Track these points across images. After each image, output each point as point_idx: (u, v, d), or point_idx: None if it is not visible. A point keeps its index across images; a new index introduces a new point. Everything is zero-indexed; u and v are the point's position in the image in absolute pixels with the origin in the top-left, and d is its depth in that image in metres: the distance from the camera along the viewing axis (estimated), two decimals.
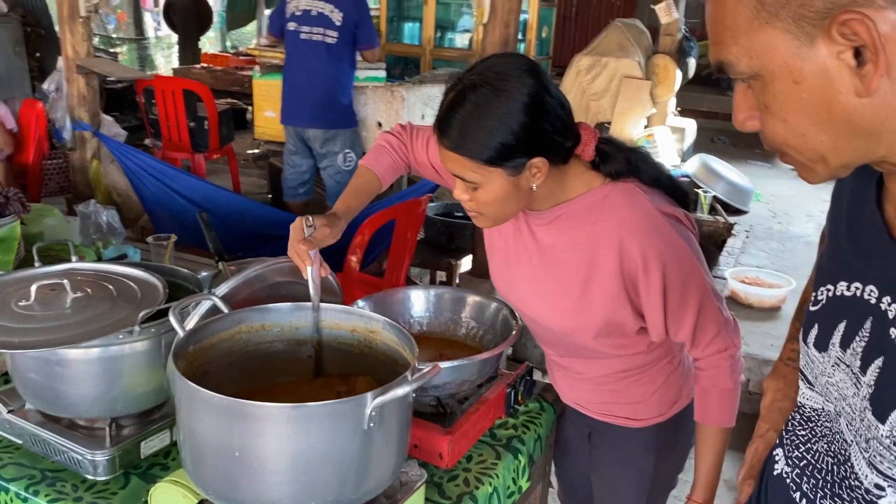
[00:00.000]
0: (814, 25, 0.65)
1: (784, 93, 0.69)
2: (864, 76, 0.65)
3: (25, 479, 1.33)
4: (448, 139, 1.25)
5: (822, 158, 0.71)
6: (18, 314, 1.30)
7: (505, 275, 1.51)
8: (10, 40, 6.01)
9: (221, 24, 12.00)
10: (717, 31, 0.72)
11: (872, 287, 0.74)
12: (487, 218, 1.34)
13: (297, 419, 1.05)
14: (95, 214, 2.94)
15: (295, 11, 4.05)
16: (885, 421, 0.70)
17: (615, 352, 1.45)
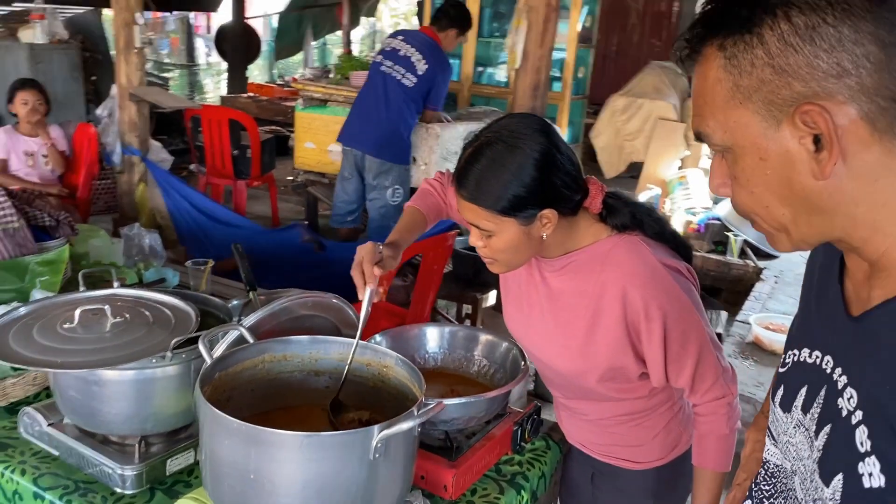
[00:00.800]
0: (780, 111, 0.72)
1: (751, 167, 0.76)
2: (820, 161, 0.71)
3: (60, 489, 1.43)
4: (465, 190, 1.34)
5: (785, 229, 0.78)
6: (62, 336, 1.42)
7: (517, 317, 1.59)
8: (69, 66, 6.30)
9: (270, 54, 12.37)
10: (698, 103, 0.79)
11: (829, 357, 0.80)
12: (501, 264, 1.43)
13: (309, 447, 1.13)
14: (139, 237, 3.08)
15: (386, 48, 4.31)
16: (829, 484, 0.75)
17: (618, 395, 1.51)
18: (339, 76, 5.08)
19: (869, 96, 0.69)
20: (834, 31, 0.68)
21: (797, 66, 0.70)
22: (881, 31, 0.68)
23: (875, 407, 0.71)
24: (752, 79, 0.72)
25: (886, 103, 0.69)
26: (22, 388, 1.70)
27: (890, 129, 0.70)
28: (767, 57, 0.71)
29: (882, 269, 0.76)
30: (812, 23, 0.69)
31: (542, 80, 3.11)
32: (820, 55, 0.69)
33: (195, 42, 13.34)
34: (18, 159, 4.25)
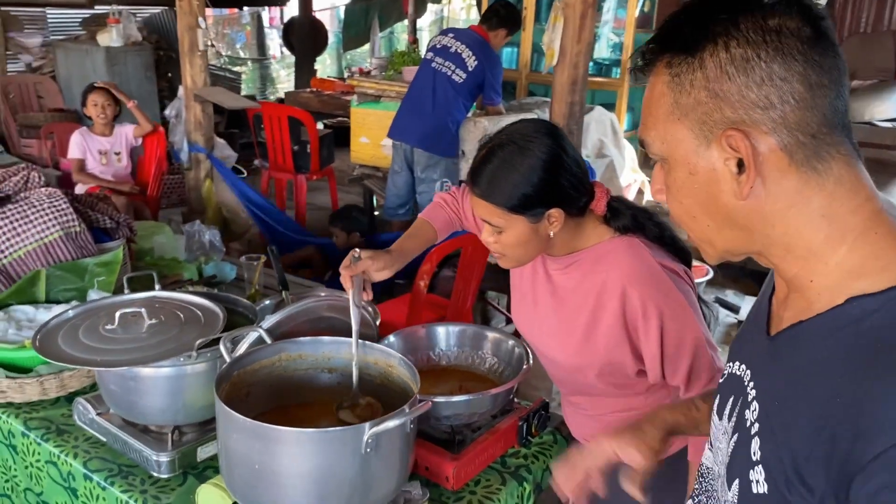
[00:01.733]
0: (711, 132, 0.77)
1: (682, 180, 0.82)
2: (740, 183, 0.77)
3: (106, 472, 1.61)
4: (478, 188, 1.44)
5: (710, 241, 0.84)
6: (104, 336, 1.58)
7: (524, 314, 1.68)
8: (143, 66, 6.64)
9: (338, 45, 12.61)
10: (644, 114, 0.85)
11: (749, 372, 0.86)
12: (510, 259, 1.52)
13: (305, 442, 1.26)
14: (199, 233, 3.27)
15: (437, 45, 4.42)
16: (730, 488, 0.82)
17: (616, 391, 1.58)
18: (391, 71, 5.19)
19: (790, 130, 0.74)
20: (766, 66, 0.73)
21: (729, 93, 0.75)
22: (809, 72, 0.73)
23: (766, 421, 0.77)
24: (689, 98, 0.78)
25: (805, 138, 0.75)
26: (78, 380, 1.89)
27: (807, 161, 0.75)
28: (705, 80, 0.76)
29: (794, 291, 0.81)
30: (747, 56, 0.74)
31: (580, 76, 3.15)
32: (751, 87, 0.74)
33: (266, 36, 13.71)
34: (94, 158, 4.56)
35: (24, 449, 1.78)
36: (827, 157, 0.75)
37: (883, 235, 0.75)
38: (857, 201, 0.76)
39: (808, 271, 0.78)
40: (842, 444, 0.68)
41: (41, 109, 6.75)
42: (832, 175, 0.76)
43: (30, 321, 2.02)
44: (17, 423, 1.78)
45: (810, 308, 0.78)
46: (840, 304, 0.74)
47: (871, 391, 0.67)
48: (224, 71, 9.76)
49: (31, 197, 2.35)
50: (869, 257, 0.75)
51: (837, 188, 0.76)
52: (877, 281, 0.73)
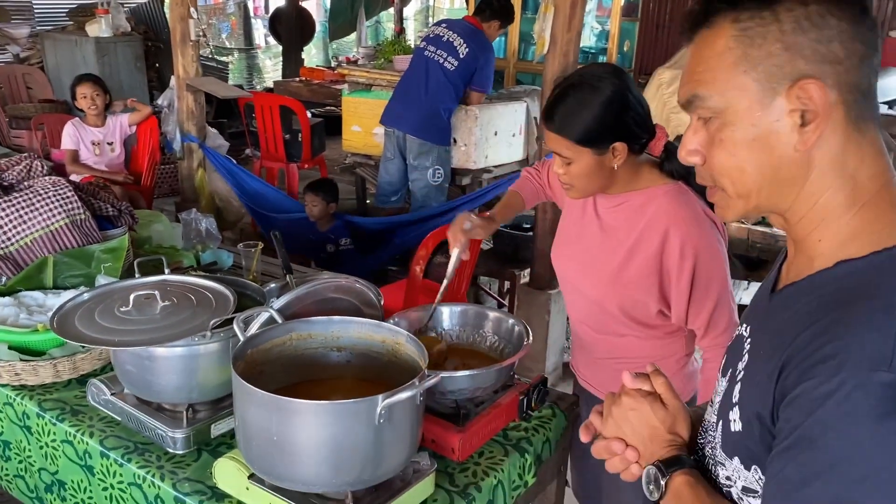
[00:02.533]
0: (780, 83, 0.80)
1: (741, 131, 0.83)
2: (804, 133, 0.80)
3: (122, 449, 1.66)
4: (552, 123, 1.60)
5: (748, 195, 0.86)
6: (119, 318, 1.64)
7: (565, 249, 1.84)
8: (132, 56, 6.64)
9: (324, 34, 12.59)
10: (698, 69, 0.86)
11: (749, 328, 0.93)
12: (577, 190, 1.68)
13: (321, 413, 1.32)
14: (196, 222, 3.30)
15: (430, 34, 4.50)
16: (716, 429, 0.91)
17: (633, 332, 1.71)
18: (382, 60, 5.23)
19: (850, 87, 0.80)
20: (837, 23, 0.79)
21: (803, 46, 0.79)
22: (867, 36, 0.80)
23: (749, 368, 0.85)
24: (761, 51, 0.81)
25: (859, 97, 0.81)
26: (90, 363, 1.94)
27: (857, 121, 0.81)
28: (780, 33, 0.80)
29: (801, 252, 0.87)
30: (822, 11, 0.79)
31: (570, 64, 3.20)
32: (822, 41, 0.79)
33: (253, 25, 13.64)
34: (87, 149, 4.58)
35: (40, 430, 1.83)
36: (869, 119, 0.82)
37: (886, 202, 0.82)
38: (877, 169, 0.82)
39: (819, 231, 0.84)
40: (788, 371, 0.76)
41: (30, 100, 6.73)
42: (868, 137, 0.82)
43: (39, 306, 2.07)
44: (32, 404, 1.83)
45: (810, 266, 0.84)
46: (830, 266, 0.81)
47: (825, 332, 0.75)
48: (212, 61, 9.73)
49: (35, 185, 2.38)
50: (867, 222, 0.81)
51: (869, 151, 0.82)
52: (864, 244, 0.80)
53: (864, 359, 0.71)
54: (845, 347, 0.72)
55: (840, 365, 0.72)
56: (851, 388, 0.70)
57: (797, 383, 0.75)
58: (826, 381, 0.72)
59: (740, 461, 0.85)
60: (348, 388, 1.62)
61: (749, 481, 0.85)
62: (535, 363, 3.66)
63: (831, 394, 0.71)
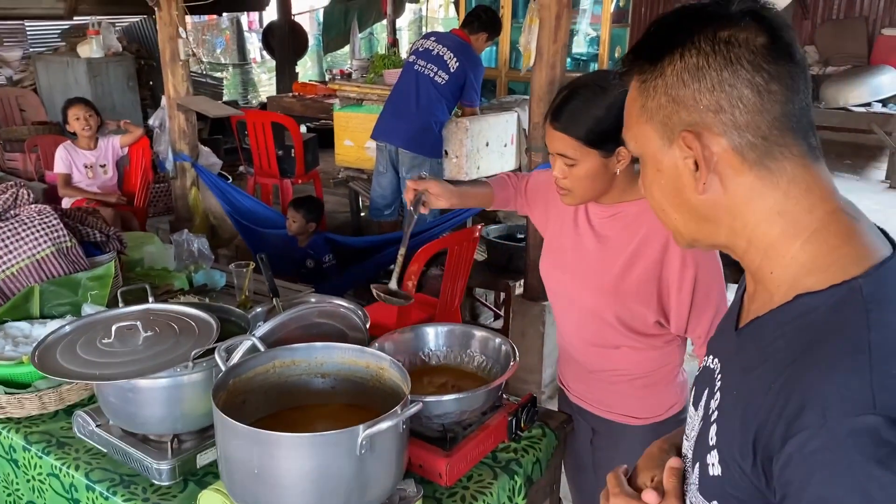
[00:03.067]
0: (672, 132, 0.85)
1: (651, 176, 0.91)
2: (697, 179, 0.84)
3: (108, 482, 1.65)
4: (558, 122, 1.60)
5: (678, 231, 0.92)
6: (101, 350, 1.62)
7: (557, 260, 1.82)
8: (125, 76, 6.65)
9: (318, 48, 12.62)
10: (624, 115, 0.93)
11: (719, 364, 0.92)
12: (575, 195, 1.66)
13: (301, 446, 1.30)
14: (188, 242, 3.30)
15: (419, 48, 4.49)
16: (693, 471, 0.89)
17: (628, 342, 1.70)
18: (372, 75, 5.23)
19: (740, 132, 0.81)
20: (716, 74, 0.80)
21: (685, 98, 0.82)
22: (757, 80, 0.80)
23: (722, 409, 0.84)
24: (654, 102, 0.85)
25: (756, 140, 0.81)
26: (76, 393, 1.93)
27: (760, 161, 0.82)
28: (665, 86, 0.84)
29: (759, 283, 0.87)
30: (699, 64, 0.81)
31: (557, 76, 3.20)
32: (703, 92, 0.81)
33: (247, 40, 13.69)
34: (79, 172, 4.58)
35: (26, 463, 1.82)
36: (780, 157, 0.81)
37: (834, 233, 0.80)
38: (811, 200, 0.82)
39: (768, 263, 0.84)
40: (768, 428, 0.74)
41: (24, 123, 6.74)
42: (786, 174, 0.81)
43: (25, 337, 2.06)
44: (18, 437, 1.82)
45: (771, 301, 0.84)
46: (790, 300, 0.80)
47: (800, 379, 0.73)
48: (206, 77, 9.76)
49: (21, 214, 2.38)
50: (819, 255, 0.80)
51: (791, 187, 0.81)
52: (822, 278, 0.78)
53: (846, 404, 0.69)
54: (823, 395, 0.71)
55: (824, 415, 0.70)
56: (843, 437, 0.68)
57: (783, 440, 0.72)
58: (815, 436, 0.70)
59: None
60: (333, 414, 1.61)
61: None
62: (530, 375, 3.64)
63: (824, 448, 0.69)
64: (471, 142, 4.46)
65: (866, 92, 7.83)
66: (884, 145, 7.09)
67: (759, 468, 0.77)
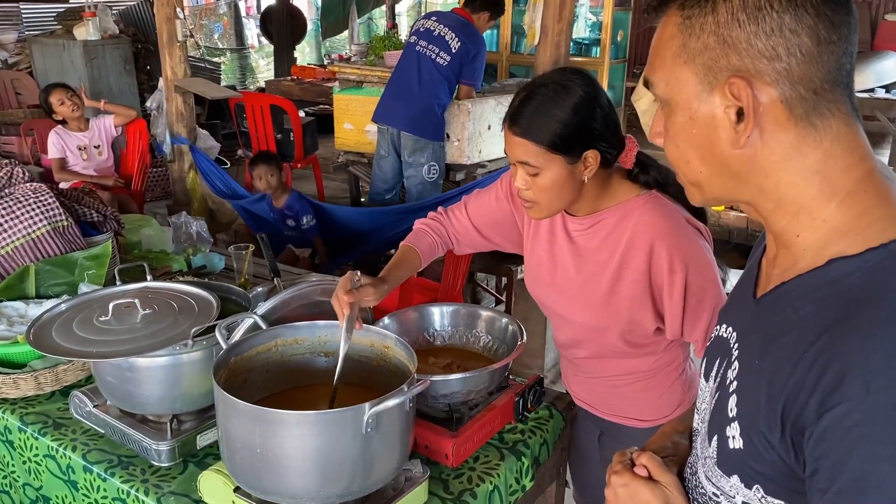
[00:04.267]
0: (715, 78, 0.77)
1: (681, 123, 0.82)
2: (738, 132, 0.77)
3: (106, 463, 1.61)
4: (518, 127, 1.45)
5: (699, 185, 0.85)
6: (99, 328, 1.58)
7: (540, 278, 1.70)
8: (121, 59, 6.56)
9: (317, 32, 12.52)
10: (652, 54, 0.84)
11: (735, 333, 0.87)
12: (541, 208, 1.52)
13: (305, 424, 1.26)
14: (186, 225, 3.26)
15: (420, 28, 4.41)
16: (710, 444, 0.84)
17: (632, 351, 1.62)
18: (373, 57, 5.17)
19: (793, 84, 0.75)
20: (777, 17, 0.73)
21: (738, 41, 0.75)
22: (819, 27, 0.73)
23: (743, 379, 0.79)
24: (698, 42, 0.77)
25: (807, 93, 0.75)
26: (73, 374, 1.88)
27: (806, 117, 0.76)
28: (715, 25, 0.76)
29: (782, 247, 0.82)
30: (760, 4, 0.74)
31: (562, 55, 3.15)
32: (760, 36, 0.74)
33: (245, 25, 13.58)
34: (73, 155, 4.51)
35: (22, 444, 1.78)
36: (827, 114, 0.76)
37: (872, 195, 0.76)
38: (851, 160, 0.77)
39: (795, 225, 0.79)
40: (801, 399, 0.70)
41: (20, 106, 6.66)
42: (830, 132, 0.76)
43: (21, 317, 2.01)
44: (14, 418, 1.78)
45: (795, 266, 0.79)
46: (821, 265, 0.75)
47: (837, 348, 0.68)
48: (203, 62, 9.66)
49: (15, 192, 2.33)
50: (854, 216, 0.75)
51: (834, 146, 0.76)
52: (857, 241, 0.74)
53: (893, 375, 0.65)
54: (865, 365, 0.66)
55: (867, 387, 0.65)
56: (890, 410, 0.64)
57: (818, 413, 0.68)
58: (856, 408, 0.65)
59: (740, 479, 0.80)
60: (337, 394, 1.57)
61: (749, 498, 0.79)
62: (533, 359, 3.60)
63: (867, 421, 0.65)
64: (472, 125, 4.41)
65: (870, 78, 7.77)
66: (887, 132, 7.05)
67: (788, 441, 0.72)
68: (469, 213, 1.77)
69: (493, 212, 1.75)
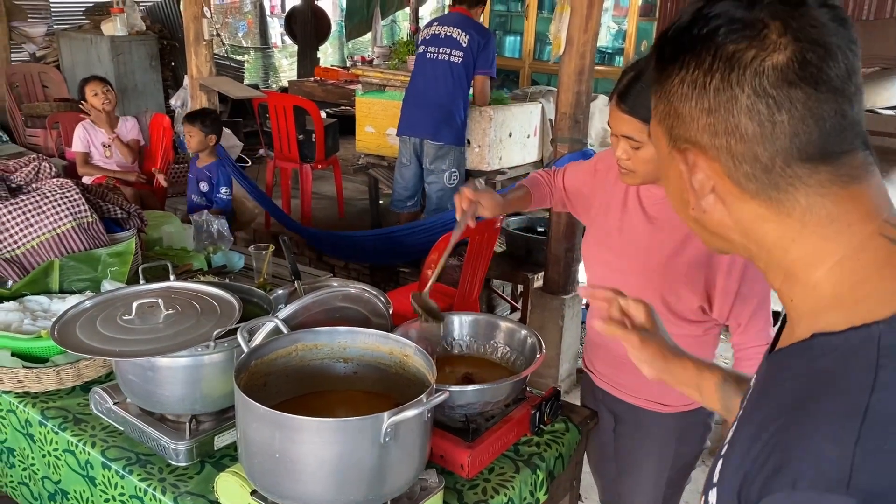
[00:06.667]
0: (675, 143, 0.76)
1: (663, 174, 0.83)
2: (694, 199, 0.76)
3: (124, 460, 1.63)
4: (626, 104, 1.55)
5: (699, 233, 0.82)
6: (122, 327, 1.60)
7: (602, 237, 1.80)
8: (147, 55, 6.63)
9: (340, 34, 12.57)
10: None
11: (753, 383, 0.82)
12: (637, 176, 1.62)
13: (325, 431, 1.27)
14: (207, 223, 3.28)
15: (425, 37, 4.46)
16: None
17: (672, 319, 1.67)
18: (396, 61, 5.19)
19: (736, 161, 0.71)
20: (714, 95, 0.70)
21: (684, 113, 0.73)
22: (759, 107, 0.68)
23: (732, 444, 0.74)
24: (662, 106, 0.77)
25: (755, 171, 0.70)
26: (94, 370, 1.90)
27: (762, 192, 0.71)
28: (669, 95, 0.74)
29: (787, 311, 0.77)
30: (700, 80, 0.70)
31: (587, 65, 3.14)
32: (701, 112, 0.71)
33: (269, 24, 13.63)
34: (97, 151, 4.56)
35: (42, 438, 1.80)
36: (789, 189, 0.70)
37: (869, 264, 0.69)
38: (837, 227, 0.70)
39: (788, 290, 0.74)
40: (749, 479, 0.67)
41: (46, 99, 6.75)
42: (798, 206, 0.70)
43: (44, 311, 2.04)
44: (35, 412, 1.80)
45: (793, 333, 0.74)
46: (807, 338, 0.70)
47: (785, 435, 0.65)
48: (227, 60, 9.73)
49: (43, 188, 2.36)
50: (848, 286, 0.69)
51: (808, 216, 0.70)
52: (845, 317, 0.67)
53: (818, 477, 0.61)
54: (799, 461, 0.62)
55: (794, 483, 0.62)
56: None
57: (760, 496, 0.65)
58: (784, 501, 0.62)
59: None
60: (355, 400, 1.58)
61: None
62: (547, 369, 3.60)
63: None
64: (494, 131, 4.41)
65: (895, 95, 7.69)
66: None
67: None
68: (565, 179, 1.95)
69: (579, 183, 1.91)
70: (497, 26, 7.01)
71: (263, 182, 5.48)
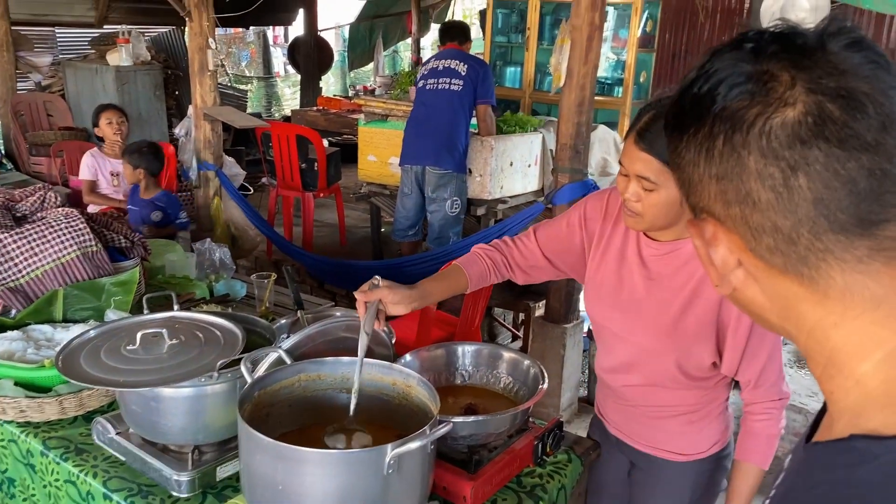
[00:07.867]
0: (693, 213, 0.70)
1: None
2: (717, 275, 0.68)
3: (125, 491, 1.62)
4: (645, 142, 1.46)
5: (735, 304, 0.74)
6: (125, 357, 1.60)
7: (601, 295, 1.73)
8: (152, 85, 6.70)
9: (343, 64, 12.71)
10: None
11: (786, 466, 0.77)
12: (644, 221, 1.54)
13: (328, 463, 1.27)
14: (210, 252, 3.30)
15: (424, 73, 4.58)
16: None
17: (684, 380, 1.64)
18: (398, 91, 5.25)
19: (755, 234, 0.63)
20: (720, 160, 0.63)
21: (695, 181, 0.66)
22: (771, 171, 0.60)
23: None
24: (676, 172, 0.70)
25: (778, 243, 0.62)
26: (96, 399, 1.91)
27: (792, 267, 0.62)
28: (680, 162, 0.68)
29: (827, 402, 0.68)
30: (707, 146, 0.64)
31: (587, 97, 3.18)
32: (711, 179, 0.64)
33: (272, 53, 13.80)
34: (105, 180, 4.59)
35: (43, 468, 1.80)
36: (821, 266, 0.61)
37: None
38: (885, 312, 0.60)
39: (827, 381, 0.64)
40: None
41: (51, 128, 6.80)
42: (834, 284, 0.61)
43: (48, 340, 2.04)
44: (36, 442, 1.80)
45: (831, 429, 0.63)
46: (844, 438, 0.59)
47: None
48: (231, 89, 9.84)
49: (48, 217, 2.38)
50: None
51: (847, 298, 0.61)
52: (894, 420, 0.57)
53: None
54: None
55: None
56: None
57: None
58: None
59: None
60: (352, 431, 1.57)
61: None
62: (549, 398, 3.59)
63: None
64: (495, 161, 4.45)
65: None
66: None
67: None
68: (539, 242, 1.79)
69: (562, 240, 1.77)
70: (498, 57, 7.09)
71: (266, 210, 5.51)
